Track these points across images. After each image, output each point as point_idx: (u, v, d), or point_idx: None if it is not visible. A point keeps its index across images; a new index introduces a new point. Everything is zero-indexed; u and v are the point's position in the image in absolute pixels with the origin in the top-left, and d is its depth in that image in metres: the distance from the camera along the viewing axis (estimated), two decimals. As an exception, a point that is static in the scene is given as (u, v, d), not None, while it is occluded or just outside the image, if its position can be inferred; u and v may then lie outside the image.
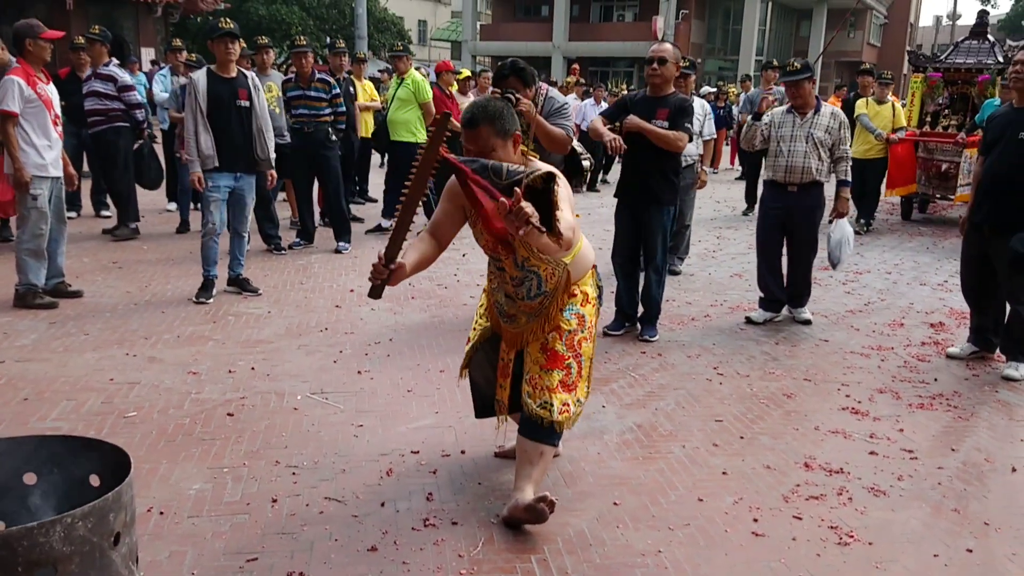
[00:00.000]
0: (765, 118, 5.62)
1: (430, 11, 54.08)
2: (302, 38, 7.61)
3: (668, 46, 5.16)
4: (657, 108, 4.98)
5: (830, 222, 5.71)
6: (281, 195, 8.80)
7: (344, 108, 7.61)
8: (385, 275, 2.70)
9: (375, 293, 2.77)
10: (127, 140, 7.52)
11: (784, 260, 5.78)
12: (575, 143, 4.86)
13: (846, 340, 5.39)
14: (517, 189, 2.32)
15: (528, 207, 2.30)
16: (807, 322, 5.67)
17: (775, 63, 10.91)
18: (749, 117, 5.80)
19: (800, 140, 5.39)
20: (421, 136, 8.08)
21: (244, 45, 7.22)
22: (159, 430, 3.65)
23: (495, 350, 3.21)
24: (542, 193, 2.47)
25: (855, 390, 4.49)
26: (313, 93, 7.26)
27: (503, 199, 2.31)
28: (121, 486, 1.96)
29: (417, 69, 8.37)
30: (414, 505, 3.08)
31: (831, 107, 5.56)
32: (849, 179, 5.52)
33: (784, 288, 5.78)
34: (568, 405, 2.94)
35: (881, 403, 4.32)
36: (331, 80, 7.52)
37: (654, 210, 5.13)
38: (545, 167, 2.79)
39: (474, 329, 3.29)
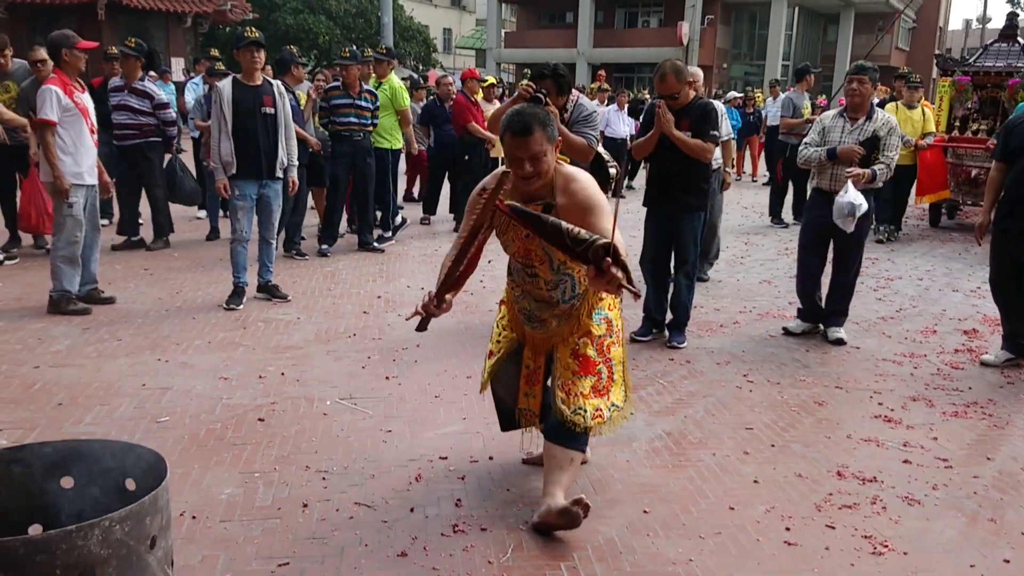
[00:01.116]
0: (819, 123, 5.42)
1: (455, 19, 54.33)
2: (347, 50, 7.72)
3: (668, 63, 4.99)
4: (680, 119, 4.96)
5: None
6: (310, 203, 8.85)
7: (378, 121, 7.81)
8: (435, 312, 2.76)
9: (422, 327, 2.83)
10: (160, 154, 7.60)
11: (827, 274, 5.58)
12: (600, 149, 4.86)
13: (878, 347, 5.33)
14: (608, 259, 2.35)
15: (618, 273, 2.35)
16: (840, 341, 5.35)
17: (809, 67, 10.77)
18: (823, 152, 5.28)
19: None
20: (396, 142, 8.22)
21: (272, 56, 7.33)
22: (191, 435, 3.69)
23: (517, 363, 3.20)
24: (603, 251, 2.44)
25: (888, 398, 4.43)
26: (363, 103, 7.43)
27: (593, 262, 2.38)
28: (158, 490, 1.98)
29: (408, 78, 8.49)
30: (443, 511, 3.09)
31: (884, 113, 5.31)
32: (880, 177, 5.10)
33: (823, 300, 5.55)
34: (601, 410, 2.93)
35: (914, 411, 4.26)
36: (375, 92, 7.71)
37: (685, 216, 5.10)
38: (580, 175, 2.80)
39: (497, 343, 3.27)
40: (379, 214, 8.40)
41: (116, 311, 5.62)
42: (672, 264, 5.33)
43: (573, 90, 4.88)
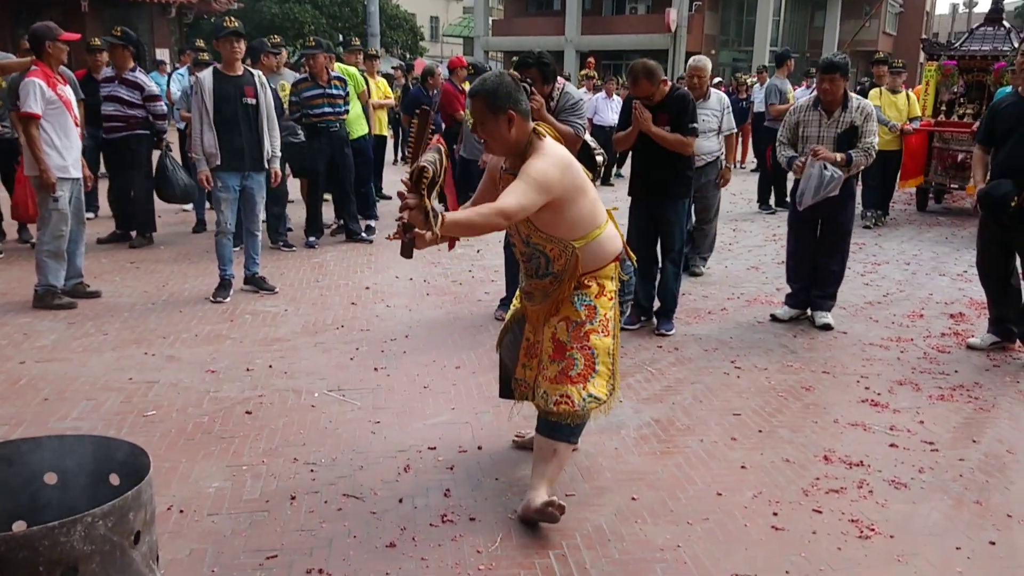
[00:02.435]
0: (791, 118, 5.36)
1: (442, 7, 54.09)
2: (312, 38, 7.61)
3: (639, 65, 4.94)
4: (657, 113, 4.97)
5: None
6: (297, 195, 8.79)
7: (348, 107, 7.65)
8: (415, 206, 2.46)
9: (406, 252, 2.57)
10: (148, 148, 7.41)
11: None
12: (587, 137, 4.85)
13: (865, 332, 5.35)
14: (403, 181, 2.46)
15: (412, 200, 2.45)
16: (827, 327, 5.36)
17: (789, 52, 10.80)
18: (791, 158, 5.29)
19: (828, 141, 5.14)
20: (363, 128, 8.16)
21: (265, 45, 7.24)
22: (178, 429, 3.67)
23: (520, 331, 3.23)
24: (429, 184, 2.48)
25: (874, 382, 4.45)
26: (334, 91, 7.31)
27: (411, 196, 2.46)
28: (140, 485, 1.97)
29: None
30: (432, 501, 3.09)
31: (859, 100, 5.24)
32: (858, 162, 5.05)
33: (811, 286, 5.54)
34: (568, 397, 2.88)
35: (901, 395, 4.28)
36: (343, 77, 7.56)
37: (669, 204, 5.11)
38: (547, 151, 2.79)
39: (513, 306, 3.32)
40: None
41: (102, 305, 5.59)
42: (659, 252, 5.34)
43: (559, 78, 4.86)
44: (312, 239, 7.65)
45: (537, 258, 2.95)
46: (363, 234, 7.94)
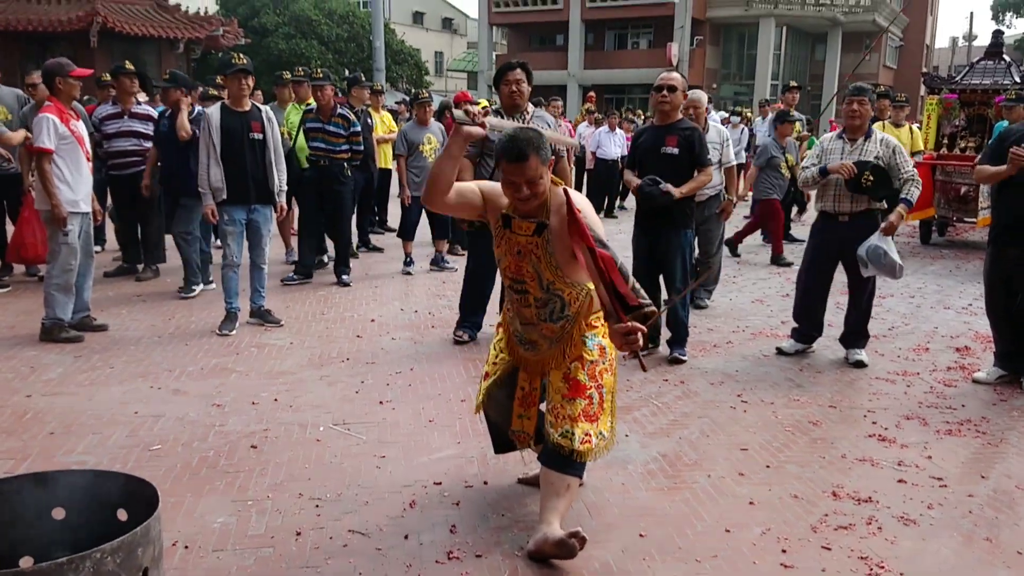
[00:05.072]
0: (816, 148, 5.41)
1: (446, 42, 54.72)
2: (320, 70, 7.67)
3: (676, 74, 5.23)
4: (666, 136, 5.09)
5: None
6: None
7: (362, 146, 7.64)
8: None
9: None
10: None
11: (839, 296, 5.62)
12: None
13: (871, 365, 5.34)
14: (637, 324, 2.55)
15: (640, 341, 2.57)
16: (861, 364, 5.29)
17: (794, 84, 10.93)
18: (815, 169, 5.30)
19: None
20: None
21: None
22: (183, 463, 3.67)
23: (512, 384, 3.20)
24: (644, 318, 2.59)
25: (881, 416, 4.44)
26: (332, 128, 7.27)
27: (630, 321, 2.55)
28: (149, 520, 1.97)
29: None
30: (438, 537, 3.07)
31: (882, 134, 5.28)
32: (911, 199, 5.11)
33: (822, 323, 5.56)
34: (590, 436, 2.91)
35: (908, 430, 4.26)
36: (351, 116, 7.47)
37: (671, 234, 5.18)
38: (577, 198, 2.82)
39: (493, 364, 3.27)
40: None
41: (108, 338, 5.60)
42: (663, 282, 5.39)
43: (530, 105, 5.22)
44: (292, 276, 7.52)
45: (554, 303, 2.94)
46: (343, 278, 7.52)
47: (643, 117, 16.94)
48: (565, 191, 2.78)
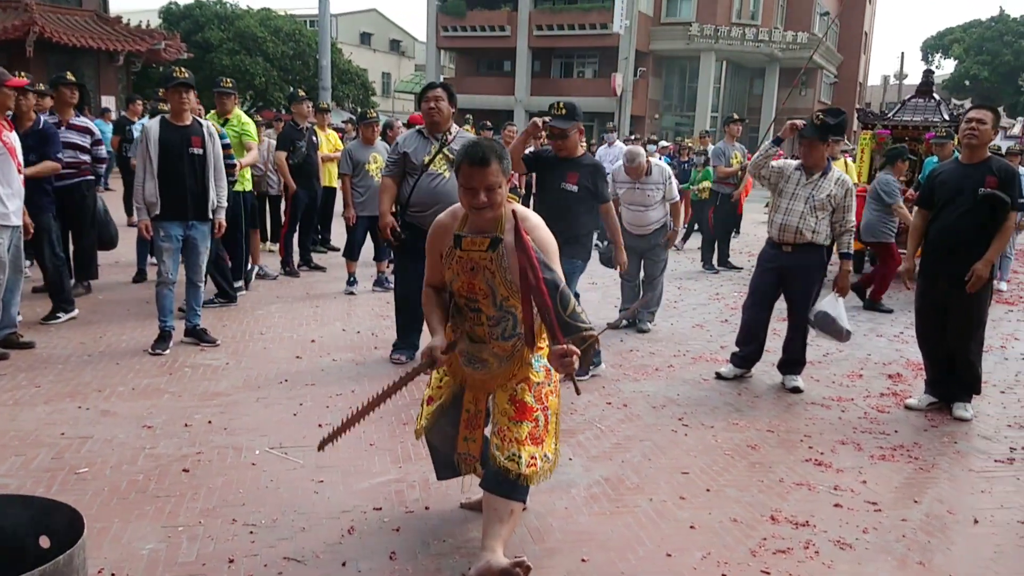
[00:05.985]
0: (776, 164, 5.45)
1: (394, 64, 54.78)
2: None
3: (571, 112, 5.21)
4: (567, 172, 5.19)
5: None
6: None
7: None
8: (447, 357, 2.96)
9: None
10: (94, 193, 7.21)
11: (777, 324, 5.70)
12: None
13: (807, 391, 5.44)
14: (573, 347, 2.50)
15: (576, 365, 2.52)
16: (797, 390, 5.39)
17: (736, 116, 11.22)
18: (769, 143, 5.50)
19: (799, 200, 5.24)
20: (248, 183, 7.65)
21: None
22: (111, 487, 3.53)
23: (457, 409, 3.15)
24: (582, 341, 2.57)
25: (817, 441, 4.52)
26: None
27: (567, 344, 2.50)
28: (73, 549, 1.88)
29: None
30: (376, 565, 3.00)
31: (841, 173, 5.33)
32: (851, 252, 5.30)
33: (761, 349, 5.65)
34: (535, 459, 2.88)
35: (843, 454, 4.34)
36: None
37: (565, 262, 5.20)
38: (531, 216, 2.82)
39: (437, 388, 3.21)
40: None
41: (35, 356, 5.39)
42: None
43: (454, 125, 5.39)
44: (213, 300, 7.16)
45: (506, 320, 2.92)
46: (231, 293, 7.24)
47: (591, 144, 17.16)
48: (514, 212, 2.77)
